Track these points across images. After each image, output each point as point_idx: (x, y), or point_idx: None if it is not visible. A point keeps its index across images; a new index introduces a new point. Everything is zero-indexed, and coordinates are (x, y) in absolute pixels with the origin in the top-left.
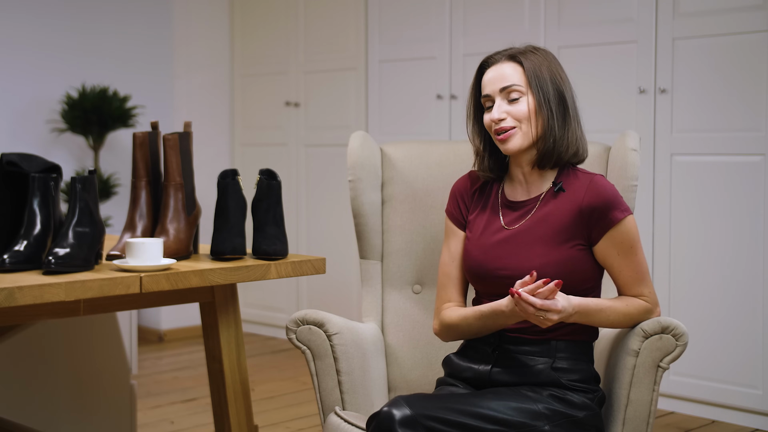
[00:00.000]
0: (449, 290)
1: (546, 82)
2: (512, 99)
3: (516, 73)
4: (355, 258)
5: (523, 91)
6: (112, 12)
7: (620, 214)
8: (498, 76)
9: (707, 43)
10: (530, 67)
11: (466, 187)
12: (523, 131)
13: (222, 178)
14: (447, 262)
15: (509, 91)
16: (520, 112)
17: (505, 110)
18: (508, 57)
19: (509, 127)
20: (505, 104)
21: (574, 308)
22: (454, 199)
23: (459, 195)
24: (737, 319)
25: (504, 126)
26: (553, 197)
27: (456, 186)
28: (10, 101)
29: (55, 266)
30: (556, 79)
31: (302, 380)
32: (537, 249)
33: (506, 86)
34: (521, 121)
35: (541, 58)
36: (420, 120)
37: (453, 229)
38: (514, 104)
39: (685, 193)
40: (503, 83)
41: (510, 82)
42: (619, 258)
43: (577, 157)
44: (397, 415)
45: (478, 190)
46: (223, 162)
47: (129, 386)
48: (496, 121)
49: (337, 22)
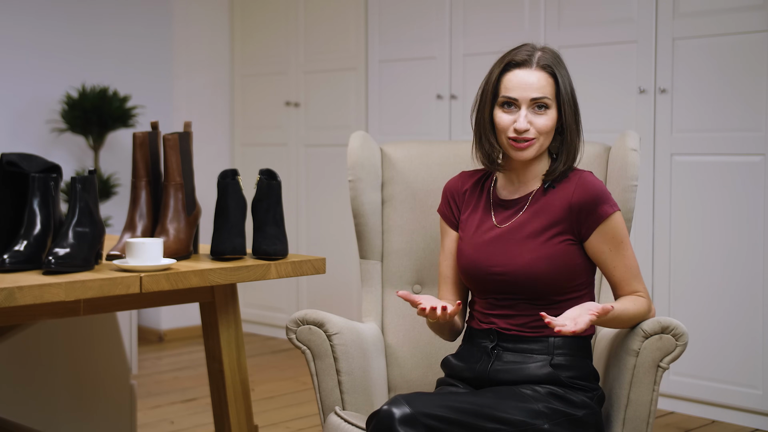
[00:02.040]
0: (443, 289)
1: (569, 97)
2: (539, 110)
3: (548, 85)
4: (355, 258)
5: (551, 105)
6: (112, 12)
7: (609, 209)
8: (528, 84)
9: (707, 43)
10: (562, 82)
11: (457, 186)
12: (539, 143)
13: (222, 178)
14: (442, 262)
15: (539, 101)
16: (544, 126)
17: (530, 120)
18: (541, 66)
19: (530, 138)
20: (530, 113)
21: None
22: (446, 199)
23: (450, 195)
24: (737, 319)
25: (526, 136)
26: (543, 194)
27: (447, 186)
28: (10, 101)
29: (55, 266)
30: (573, 91)
31: (302, 380)
32: (527, 245)
33: (538, 98)
34: (542, 134)
35: (563, 68)
36: (420, 120)
37: (446, 229)
38: (539, 116)
39: (685, 193)
40: (535, 93)
41: (542, 94)
42: (612, 254)
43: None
44: (397, 414)
45: (469, 190)
46: (223, 162)
47: (129, 386)
48: (520, 131)
49: (337, 22)
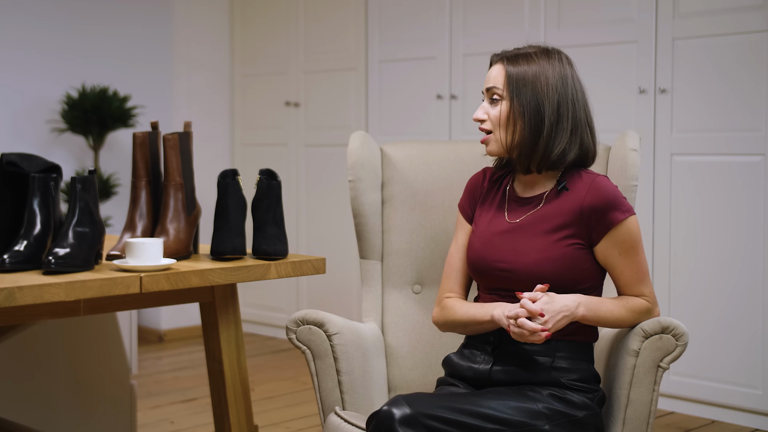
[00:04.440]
0: (452, 281)
1: (527, 90)
2: (493, 101)
3: (500, 75)
4: (355, 258)
5: (503, 95)
6: (112, 12)
7: (621, 215)
8: (489, 75)
9: (707, 43)
10: (514, 72)
11: (478, 181)
12: (495, 136)
13: (222, 178)
14: (453, 254)
15: (491, 93)
16: (494, 117)
17: (486, 111)
18: (502, 58)
19: (486, 130)
20: (488, 105)
21: (578, 301)
22: (466, 193)
23: (471, 189)
24: (737, 319)
25: (483, 128)
26: (556, 196)
27: (470, 180)
28: (10, 101)
29: (55, 266)
30: (540, 88)
31: (302, 380)
32: (535, 243)
33: (489, 87)
34: (494, 126)
35: (538, 65)
36: (420, 120)
37: (462, 222)
38: (493, 107)
39: (685, 193)
40: (488, 83)
41: (492, 83)
42: (621, 258)
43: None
44: (397, 414)
45: (488, 186)
46: (223, 162)
47: (129, 386)
48: (476, 120)
49: (337, 22)
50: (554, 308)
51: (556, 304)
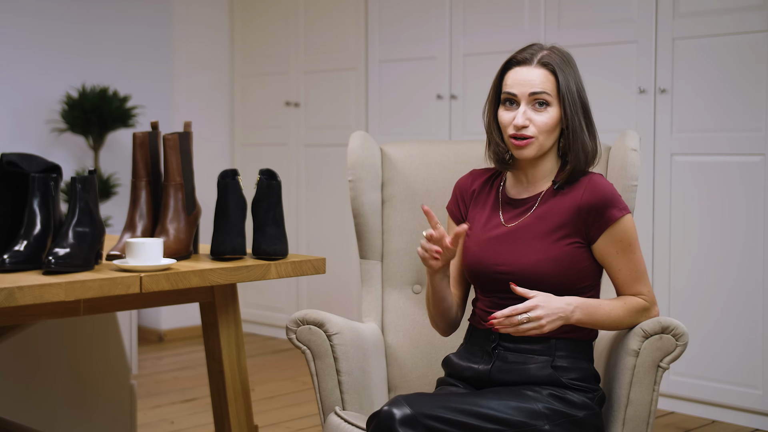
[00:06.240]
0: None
1: (574, 96)
2: (539, 107)
3: (548, 82)
4: (355, 258)
5: (551, 102)
6: (112, 12)
7: (618, 213)
8: (527, 80)
9: (707, 43)
10: (564, 80)
11: (467, 184)
12: (539, 142)
13: (222, 178)
14: None
15: (538, 97)
16: (543, 124)
17: (529, 117)
18: (542, 63)
19: (529, 136)
20: (530, 110)
21: (574, 305)
22: (454, 196)
23: (459, 192)
24: (737, 319)
25: (525, 134)
26: (552, 195)
27: (458, 183)
28: (10, 101)
29: (55, 266)
30: (581, 90)
31: (302, 380)
32: (534, 245)
33: (536, 92)
34: (541, 132)
35: (569, 68)
36: (420, 120)
37: (452, 226)
38: (538, 113)
39: (685, 193)
40: (533, 88)
41: (541, 88)
42: (618, 256)
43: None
44: (398, 414)
45: (478, 188)
46: (223, 162)
47: (129, 386)
48: (518, 127)
49: (337, 22)
50: (551, 307)
51: (553, 304)
